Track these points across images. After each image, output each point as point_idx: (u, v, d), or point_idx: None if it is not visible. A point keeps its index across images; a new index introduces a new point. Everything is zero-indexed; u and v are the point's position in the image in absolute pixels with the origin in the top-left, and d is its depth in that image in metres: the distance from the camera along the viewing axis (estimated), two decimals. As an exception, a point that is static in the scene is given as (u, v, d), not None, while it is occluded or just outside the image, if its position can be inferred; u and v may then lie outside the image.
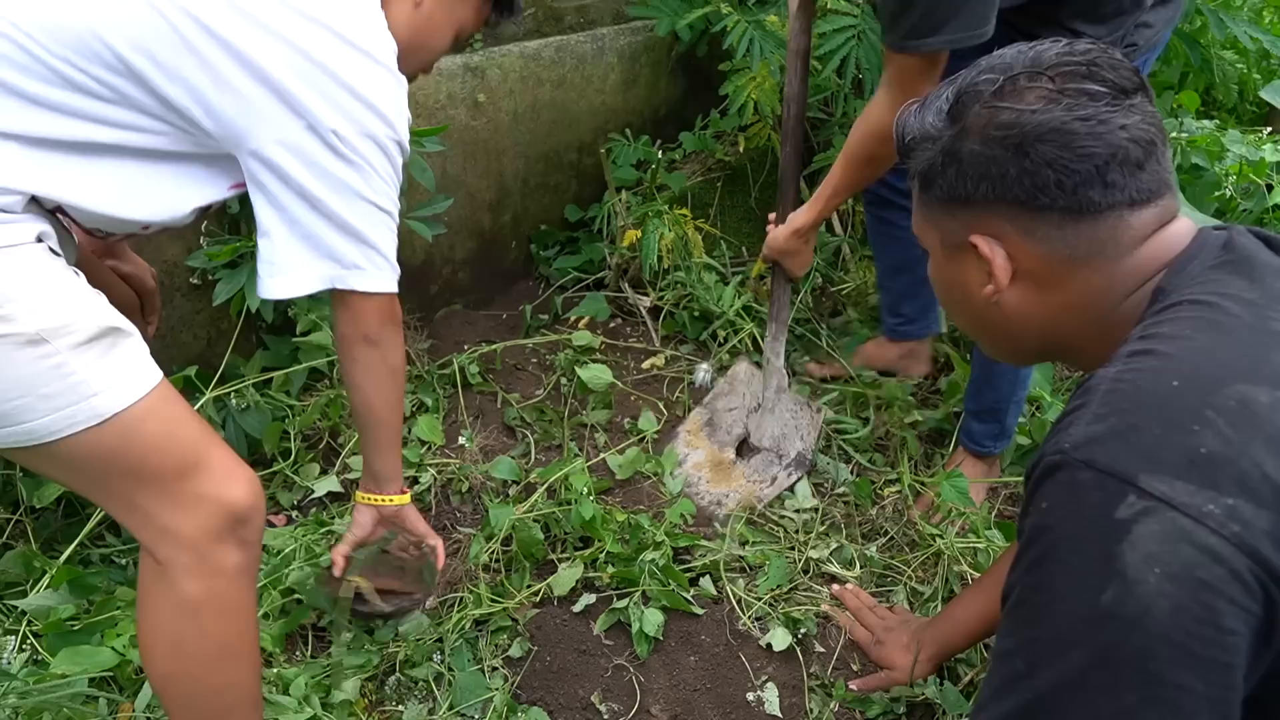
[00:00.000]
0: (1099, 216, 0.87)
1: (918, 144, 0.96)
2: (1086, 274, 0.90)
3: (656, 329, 2.49)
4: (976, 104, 0.90)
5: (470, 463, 2.04)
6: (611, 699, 1.61)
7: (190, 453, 1.13)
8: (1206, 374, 0.74)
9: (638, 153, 2.63)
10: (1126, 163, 0.85)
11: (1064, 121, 0.85)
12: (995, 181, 0.89)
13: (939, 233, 0.98)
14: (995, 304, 0.95)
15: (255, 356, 2.02)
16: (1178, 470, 0.69)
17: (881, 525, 1.94)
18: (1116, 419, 0.74)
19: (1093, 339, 0.93)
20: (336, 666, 1.60)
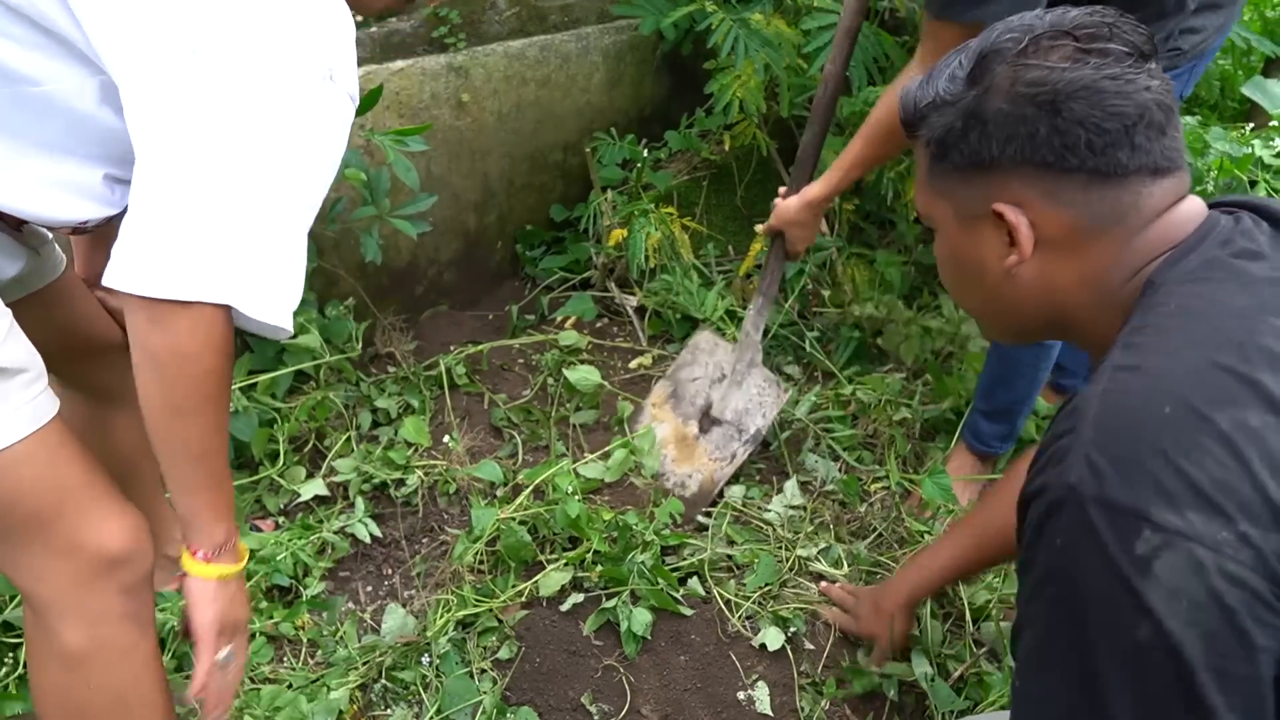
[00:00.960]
0: (1125, 180, 0.86)
1: (932, 110, 0.92)
2: (1106, 242, 0.88)
3: (643, 328, 2.49)
4: (1001, 63, 0.87)
5: (457, 464, 2.04)
6: (602, 699, 1.60)
7: (65, 498, 1.05)
8: (1198, 397, 0.73)
9: (623, 152, 2.62)
10: (1152, 125, 0.84)
11: (1094, 79, 0.83)
12: (1024, 142, 0.86)
13: (953, 204, 0.95)
14: (1011, 277, 0.92)
15: (241, 359, 2.01)
16: (1188, 501, 0.69)
17: (870, 523, 1.94)
18: (1117, 449, 0.73)
19: (1097, 317, 0.92)
20: (325, 674, 1.59)
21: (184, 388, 0.96)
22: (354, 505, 1.92)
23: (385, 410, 2.16)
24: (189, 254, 0.91)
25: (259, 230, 0.95)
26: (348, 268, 2.25)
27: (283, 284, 0.98)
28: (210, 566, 1.07)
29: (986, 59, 0.89)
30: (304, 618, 1.71)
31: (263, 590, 1.75)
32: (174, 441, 0.99)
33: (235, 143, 0.92)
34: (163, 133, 0.92)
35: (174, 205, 0.91)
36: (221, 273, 0.93)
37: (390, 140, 1.86)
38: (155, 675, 1.16)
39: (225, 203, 0.92)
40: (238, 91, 0.92)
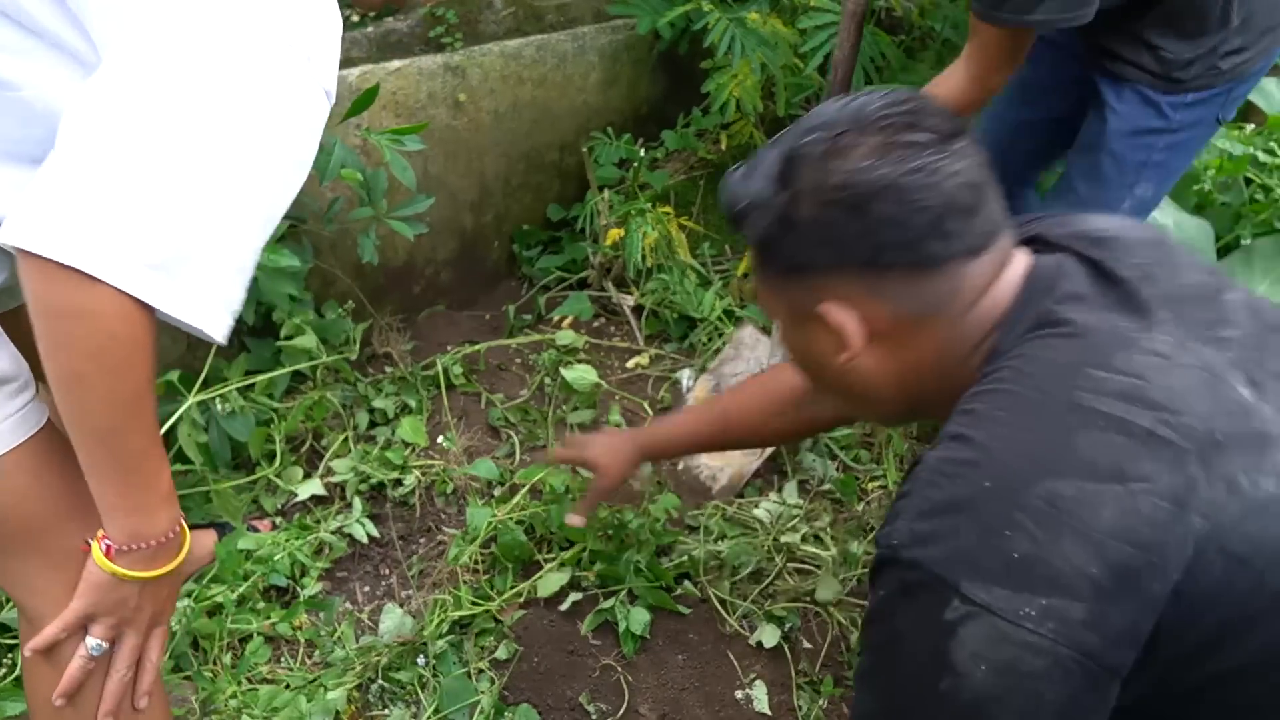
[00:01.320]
0: (941, 269, 0.86)
1: (750, 212, 0.92)
2: (934, 329, 0.90)
3: (640, 328, 2.49)
4: (807, 166, 0.87)
5: (454, 464, 2.04)
6: (600, 699, 1.60)
7: (57, 509, 1.02)
8: (1016, 472, 0.76)
9: (620, 151, 2.62)
10: (959, 211, 0.85)
11: (895, 176, 0.84)
12: (836, 245, 0.87)
13: (785, 302, 0.95)
14: (853, 369, 0.93)
15: (238, 360, 2.01)
16: (995, 576, 0.73)
17: (868, 521, 1.95)
18: (938, 521, 0.77)
19: (947, 397, 0.92)
20: (322, 674, 1.59)
21: (90, 353, 0.84)
22: (351, 505, 1.92)
23: (382, 410, 2.16)
24: (108, 223, 0.80)
25: (197, 213, 0.84)
26: (344, 268, 2.25)
27: (215, 285, 0.87)
28: (108, 562, 0.96)
29: (792, 162, 0.88)
30: (301, 618, 1.71)
31: (260, 590, 1.75)
32: (75, 413, 0.87)
33: (192, 113, 0.83)
34: (118, 85, 0.83)
35: (106, 167, 0.81)
36: (140, 254, 0.81)
37: (387, 140, 1.86)
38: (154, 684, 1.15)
39: (167, 175, 0.82)
40: (205, 65, 0.84)
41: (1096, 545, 0.72)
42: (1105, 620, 0.72)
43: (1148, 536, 0.73)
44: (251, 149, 0.87)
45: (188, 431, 1.78)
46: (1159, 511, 0.73)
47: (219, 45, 0.85)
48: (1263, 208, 2.28)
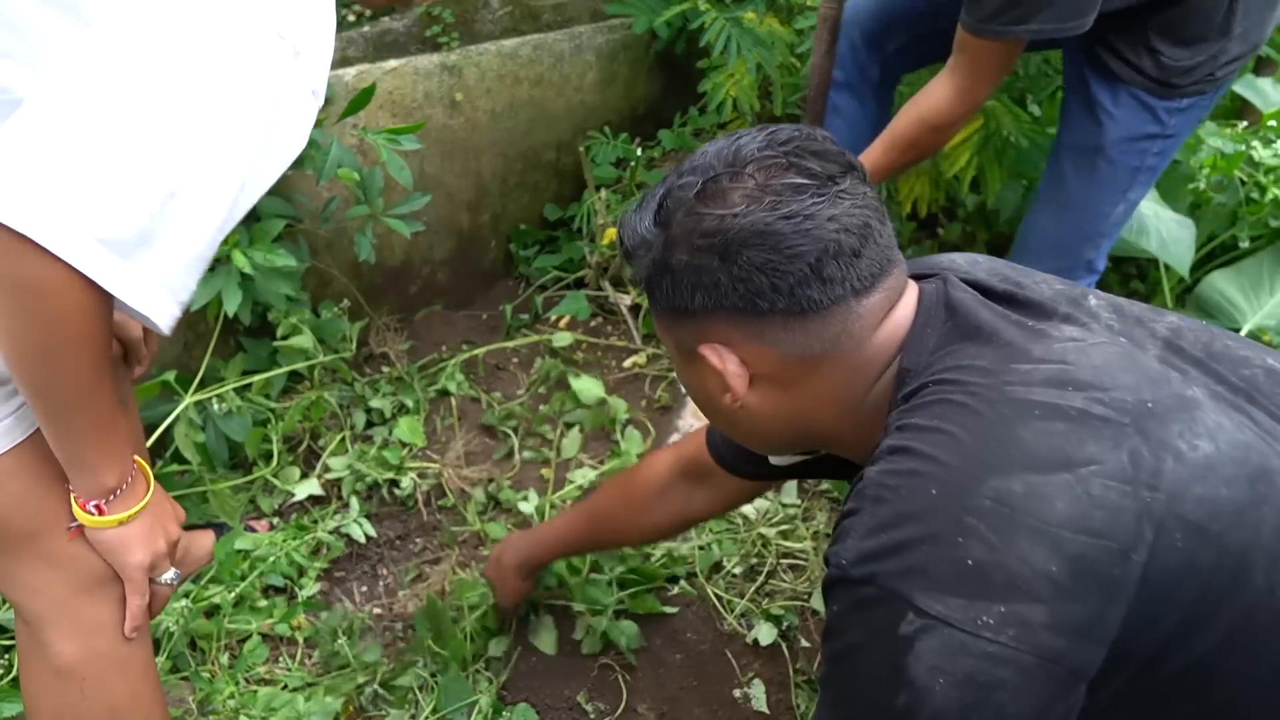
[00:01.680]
0: (825, 313, 0.84)
1: (635, 251, 0.91)
2: (826, 370, 0.87)
3: (638, 327, 2.49)
4: (680, 210, 0.85)
5: (452, 465, 2.03)
6: (598, 698, 1.61)
7: (57, 508, 1.02)
8: (961, 475, 0.74)
9: (617, 150, 2.62)
10: (841, 254, 0.82)
11: (768, 223, 0.81)
12: (709, 291, 0.85)
13: (673, 339, 0.94)
14: (743, 408, 0.91)
15: (235, 360, 2.01)
16: (949, 586, 0.72)
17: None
18: (886, 535, 0.75)
19: (849, 430, 0.91)
20: (321, 675, 1.59)
21: (54, 325, 0.83)
22: (348, 505, 1.91)
23: (380, 410, 2.15)
24: (62, 194, 0.78)
25: (161, 201, 0.82)
26: (341, 268, 2.24)
27: (169, 275, 0.85)
28: (107, 517, 1.00)
29: (668, 205, 0.87)
30: (299, 619, 1.71)
31: (259, 590, 1.74)
32: (49, 386, 0.88)
33: (164, 97, 0.82)
34: (87, 59, 0.81)
35: (67, 137, 0.79)
36: (93, 230, 0.79)
37: (383, 139, 1.86)
38: (151, 685, 1.15)
39: (130, 154, 0.80)
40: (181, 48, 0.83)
41: (1053, 540, 0.71)
42: (1068, 619, 0.71)
43: (1102, 521, 0.71)
44: (221, 137, 0.85)
45: (185, 431, 1.78)
46: (1110, 492, 0.72)
47: (198, 29, 0.83)
48: (1258, 208, 2.29)
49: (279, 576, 1.76)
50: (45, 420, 0.93)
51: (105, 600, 1.07)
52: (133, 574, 1.05)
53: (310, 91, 0.91)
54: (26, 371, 0.87)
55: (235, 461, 1.98)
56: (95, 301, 0.83)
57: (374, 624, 1.74)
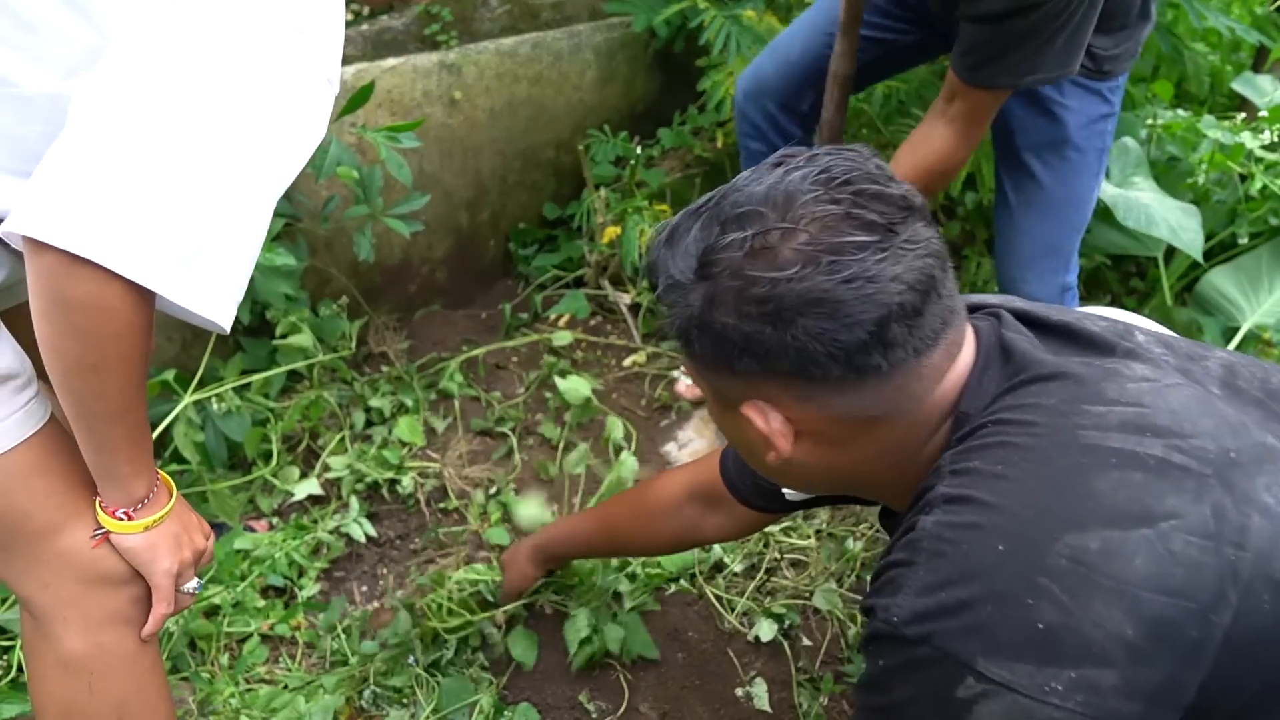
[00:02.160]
0: (882, 377, 0.77)
1: (667, 297, 0.82)
2: (881, 430, 0.81)
3: (637, 326, 2.48)
4: (726, 269, 0.76)
5: (452, 465, 2.03)
6: (600, 698, 1.60)
7: (65, 504, 1.02)
8: (1032, 530, 0.69)
9: (616, 149, 2.62)
10: (904, 316, 0.74)
11: (826, 289, 0.73)
12: (758, 357, 0.77)
13: (708, 385, 0.87)
14: (786, 461, 0.84)
15: (234, 359, 2.00)
16: (1016, 651, 0.67)
17: (865, 517, 1.94)
18: (946, 593, 0.70)
19: (901, 481, 0.85)
20: (321, 675, 1.59)
21: (105, 342, 0.86)
22: (348, 505, 1.91)
23: (379, 410, 2.15)
24: (121, 216, 0.81)
25: (209, 205, 0.86)
26: (340, 267, 2.24)
27: (224, 275, 0.89)
28: (135, 522, 1.02)
29: (711, 259, 0.78)
30: (299, 619, 1.70)
31: (257, 590, 1.74)
32: (91, 398, 0.91)
33: (201, 103, 0.85)
34: (124, 75, 0.84)
35: (116, 159, 0.82)
36: (154, 247, 0.83)
37: (383, 137, 1.85)
38: (158, 682, 1.15)
39: (177, 167, 0.84)
40: (212, 54, 0.85)
41: (1130, 602, 0.66)
42: (1141, 683, 0.66)
43: (1182, 579, 0.66)
44: (259, 138, 0.88)
45: (184, 431, 1.78)
46: (1190, 548, 0.67)
47: (226, 33, 0.86)
48: (1258, 205, 2.29)
49: (279, 577, 1.75)
50: (84, 431, 0.95)
51: (115, 596, 1.07)
52: (160, 580, 1.06)
53: (326, 80, 0.94)
54: (73, 384, 0.90)
55: (234, 461, 1.97)
56: (145, 318, 0.87)
57: (373, 621, 1.73)
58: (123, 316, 0.85)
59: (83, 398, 0.91)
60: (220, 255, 0.88)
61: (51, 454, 1.02)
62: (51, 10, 0.90)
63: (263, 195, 0.91)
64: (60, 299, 0.84)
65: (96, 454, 0.98)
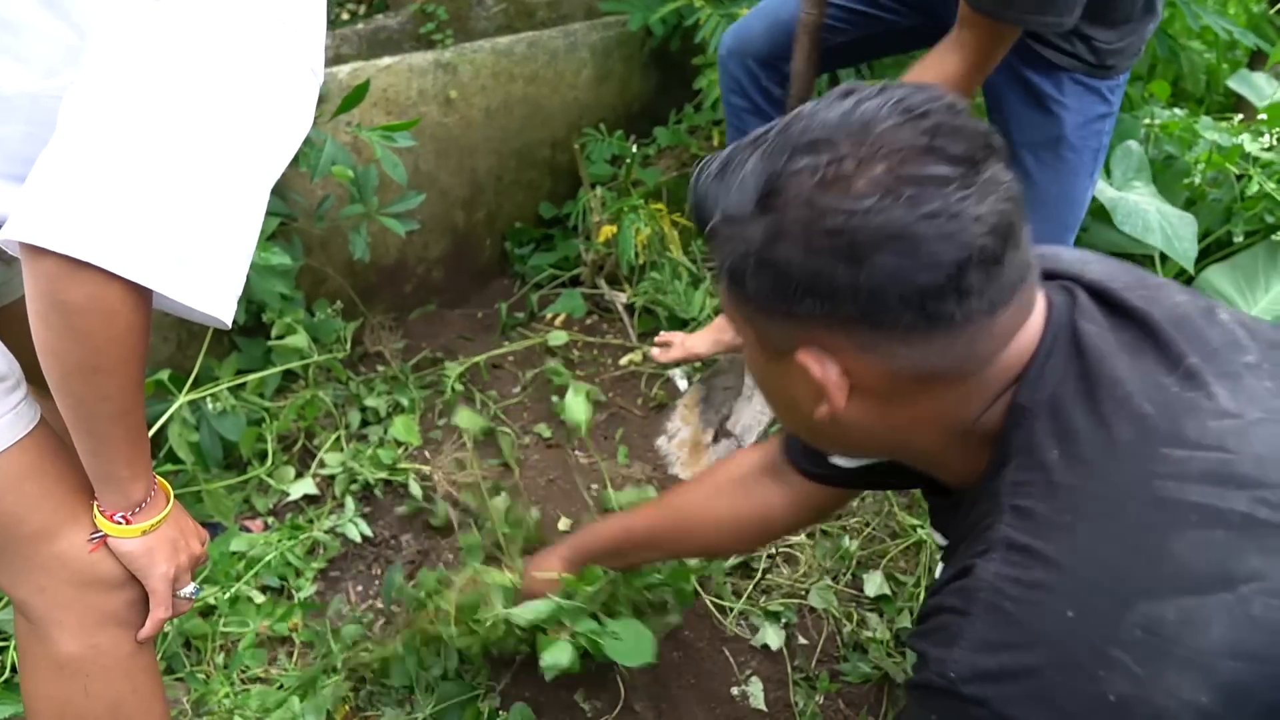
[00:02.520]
0: (953, 329, 0.71)
1: (720, 229, 0.75)
2: (940, 390, 0.76)
3: (633, 325, 2.48)
4: (794, 196, 0.70)
5: (447, 466, 2.03)
6: (595, 697, 1.60)
7: (59, 506, 1.02)
8: (1105, 597, 0.65)
9: (612, 148, 2.62)
10: (984, 262, 0.69)
11: (905, 224, 0.67)
12: (823, 297, 0.71)
13: (755, 331, 0.80)
14: (831, 419, 0.79)
15: (229, 359, 2.00)
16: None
17: (863, 516, 1.94)
18: (1008, 656, 0.66)
19: (950, 454, 0.81)
20: (317, 675, 1.58)
21: (105, 345, 0.86)
22: (343, 505, 1.91)
23: (375, 409, 2.15)
24: (120, 218, 0.81)
25: (203, 200, 0.86)
26: (335, 266, 2.24)
27: (223, 270, 0.89)
28: (132, 526, 1.02)
29: (777, 186, 0.71)
30: (295, 620, 1.70)
31: (253, 591, 1.73)
32: (91, 401, 0.90)
33: (189, 99, 0.84)
34: (113, 77, 0.84)
35: (111, 159, 0.82)
36: (154, 247, 0.83)
37: (378, 136, 1.85)
38: (152, 683, 1.15)
39: (172, 166, 0.84)
40: (199, 50, 0.85)
41: (1206, 670, 0.62)
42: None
43: (1259, 644, 0.63)
44: (248, 130, 0.88)
45: (179, 431, 1.77)
46: (1271, 611, 0.63)
47: (209, 27, 0.86)
48: (1253, 203, 2.29)
49: (274, 577, 1.75)
50: (83, 434, 0.95)
51: (111, 598, 1.07)
52: (157, 585, 1.06)
53: (310, 70, 0.94)
54: (73, 387, 0.90)
55: (230, 461, 1.97)
56: (144, 319, 0.87)
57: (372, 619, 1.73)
58: (122, 318, 0.85)
59: (82, 401, 0.91)
60: (218, 250, 0.88)
61: (44, 457, 1.02)
62: (29, 10, 0.89)
63: (255, 188, 0.91)
64: (59, 302, 0.83)
65: (95, 457, 0.97)
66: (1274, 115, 2.33)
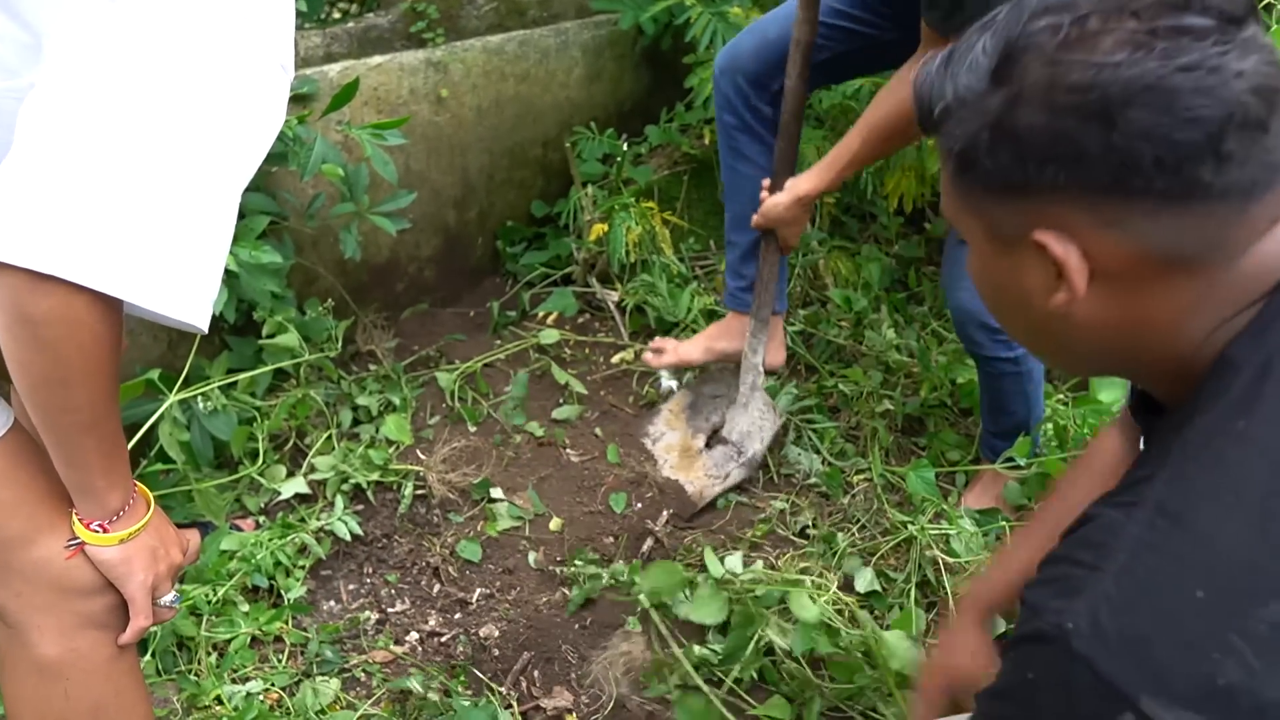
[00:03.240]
0: (1209, 204, 0.66)
1: (950, 114, 0.72)
2: (1180, 281, 0.70)
3: (625, 324, 2.48)
4: (1035, 59, 0.67)
5: (439, 465, 2.03)
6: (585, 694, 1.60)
7: (36, 512, 1.01)
8: (1239, 586, 0.63)
9: (603, 147, 2.62)
10: (1247, 124, 0.63)
11: (1160, 75, 0.63)
12: (1069, 164, 0.67)
13: (985, 222, 0.75)
14: (1062, 314, 0.74)
15: (220, 359, 2.00)
16: (1187, 700, 0.62)
17: (853, 514, 1.95)
18: (1129, 620, 0.64)
19: (1168, 370, 0.75)
20: (306, 678, 1.58)
21: (72, 356, 0.84)
22: (334, 504, 1.90)
23: (366, 408, 2.15)
24: (85, 229, 0.79)
25: (172, 206, 0.83)
26: (327, 265, 2.23)
27: (195, 275, 0.87)
28: (109, 535, 1.00)
29: (1015, 53, 0.68)
30: (286, 618, 1.70)
31: (244, 590, 1.73)
32: (61, 413, 0.88)
33: (154, 101, 0.82)
34: (73, 84, 0.81)
35: (74, 167, 0.80)
36: (121, 256, 0.81)
37: (368, 134, 1.85)
38: (135, 686, 1.14)
39: (137, 174, 0.81)
40: (160, 50, 0.83)
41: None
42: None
43: None
44: (217, 131, 0.86)
45: (169, 430, 1.77)
46: None
47: (173, 25, 0.84)
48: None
49: (264, 576, 1.74)
50: (54, 445, 0.93)
51: (90, 602, 1.06)
52: (135, 593, 1.05)
53: (279, 66, 0.92)
54: (41, 399, 0.88)
55: (221, 460, 1.96)
56: (112, 329, 0.85)
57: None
58: (88, 329, 0.83)
59: (51, 412, 0.89)
60: (189, 256, 0.86)
61: (18, 464, 1.00)
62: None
63: (226, 190, 0.88)
64: (25, 314, 0.81)
65: (69, 467, 0.96)
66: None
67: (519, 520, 1.93)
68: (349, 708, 1.56)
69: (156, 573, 1.06)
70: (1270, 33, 2.12)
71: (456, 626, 1.73)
